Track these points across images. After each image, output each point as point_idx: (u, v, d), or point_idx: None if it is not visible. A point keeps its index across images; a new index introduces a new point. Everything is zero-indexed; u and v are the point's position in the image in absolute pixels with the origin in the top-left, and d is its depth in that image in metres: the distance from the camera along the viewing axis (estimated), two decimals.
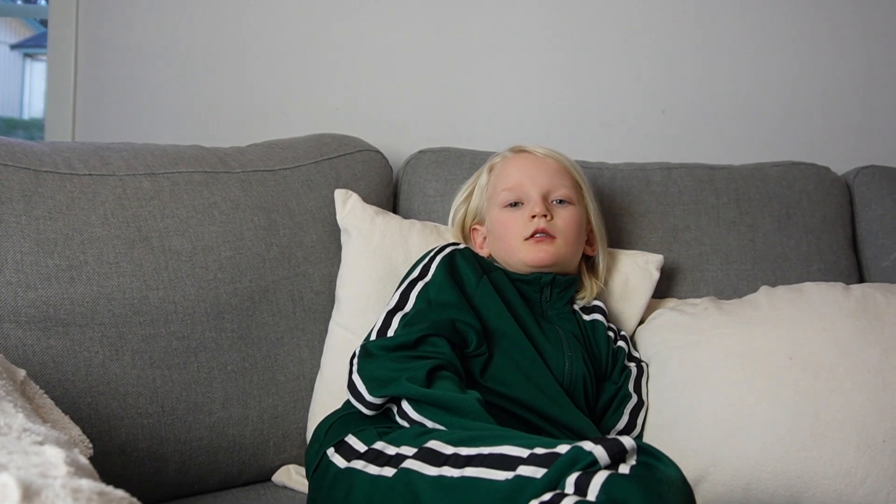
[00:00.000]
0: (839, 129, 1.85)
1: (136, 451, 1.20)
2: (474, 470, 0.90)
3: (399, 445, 1.02)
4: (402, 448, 1.01)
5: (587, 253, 1.40)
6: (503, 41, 1.77)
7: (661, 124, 1.81)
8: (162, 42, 1.70)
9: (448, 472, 0.92)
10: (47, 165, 1.24)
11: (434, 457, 0.96)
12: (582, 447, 0.84)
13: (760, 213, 1.59)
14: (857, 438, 1.19)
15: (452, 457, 0.94)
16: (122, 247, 1.23)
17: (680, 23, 1.81)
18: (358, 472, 1.04)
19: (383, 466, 1.01)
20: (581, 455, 0.83)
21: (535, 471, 0.85)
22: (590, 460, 0.82)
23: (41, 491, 0.53)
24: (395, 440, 1.04)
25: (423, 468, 0.95)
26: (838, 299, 1.33)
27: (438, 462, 0.94)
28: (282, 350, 1.34)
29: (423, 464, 0.96)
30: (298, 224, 1.39)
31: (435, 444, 0.97)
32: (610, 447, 0.83)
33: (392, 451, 1.02)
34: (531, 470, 0.86)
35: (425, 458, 0.96)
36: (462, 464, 0.92)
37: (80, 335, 1.18)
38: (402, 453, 1.00)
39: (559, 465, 0.84)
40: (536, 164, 1.36)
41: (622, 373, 1.33)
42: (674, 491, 0.82)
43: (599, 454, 0.82)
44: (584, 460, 0.82)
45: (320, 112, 1.73)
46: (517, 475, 0.86)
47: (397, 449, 1.02)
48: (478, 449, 0.92)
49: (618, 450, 0.83)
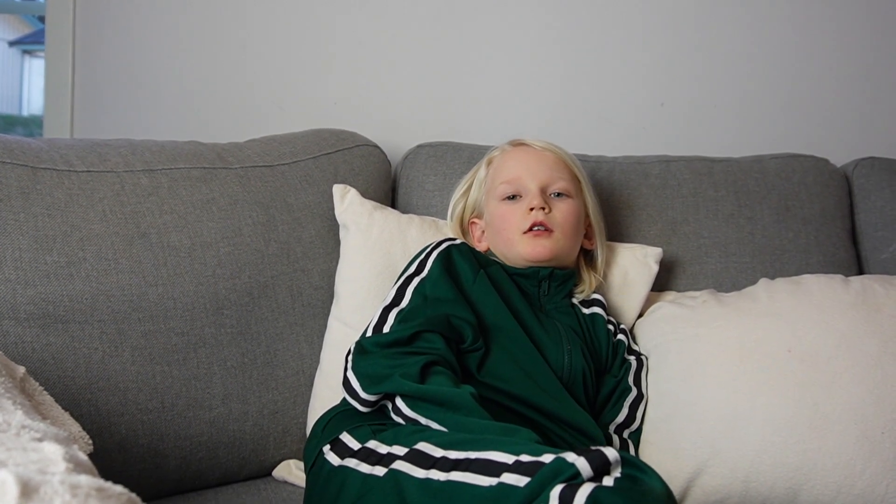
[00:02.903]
0: (838, 121, 1.84)
1: (136, 447, 1.21)
2: (460, 474, 0.91)
3: (391, 444, 1.03)
4: (394, 447, 1.02)
5: (585, 246, 1.39)
6: (501, 35, 1.77)
7: (659, 117, 1.81)
8: (160, 38, 1.70)
9: (435, 475, 0.94)
10: (45, 162, 1.24)
11: (423, 459, 0.97)
12: (565, 458, 0.84)
13: (759, 205, 1.59)
14: (857, 430, 1.19)
15: (441, 460, 0.95)
16: (120, 243, 1.23)
17: (678, 16, 1.80)
18: (350, 471, 1.05)
19: (375, 465, 1.02)
20: (564, 466, 0.83)
21: (519, 479, 0.86)
22: (572, 472, 0.82)
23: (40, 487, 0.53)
24: (387, 439, 1.05)
25: (411, 470, 0.96)
26: (837, 291, 1.33)
27: (427, 465, 0.96)
28: (281, 345, 1.34)
29: (411, 465, 0.97)
30: (297, 219, 1.39)
31: (425, 445, 0.98)
32: (593, 459, 0.83)
33: (384, 450, 1.03)
34: (515, 478, 0.86)
35: (414, 460, 0.97)
36: (449, 467, 0.93)
37: (79, 332, 1.18)
38: (394, 453, 1.01)
39: (542, 475, 0.84)
40: (535, 157, 1.36)
41: (622, 366, 1.33)
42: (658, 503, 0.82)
43: (582, 466, 0.82)
44: (567, 472, 0.82)
45: (318, 107, 1.72)
46: (500, 482, 0.87)
47: (389, 448, 1.03)
48: (466, 453, 0.93)
49: (601, 462, 0.83)
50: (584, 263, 1.40)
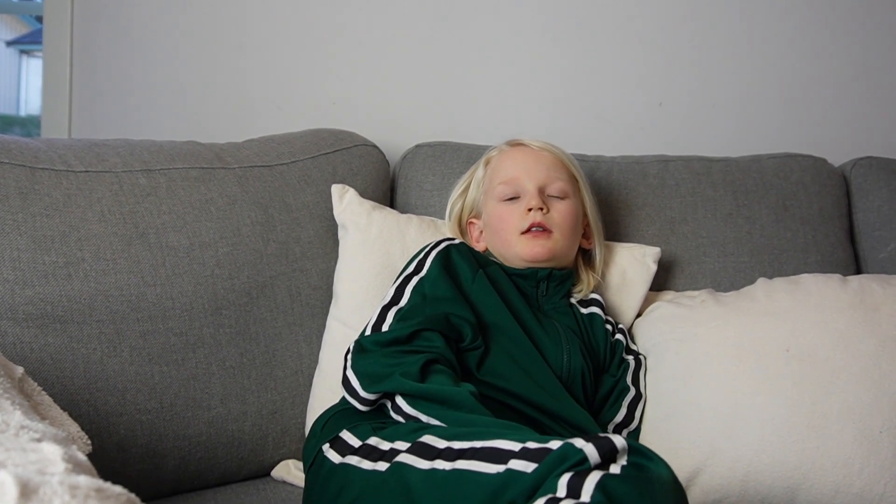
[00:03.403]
0: (836, 121, 1.85)
1: (134, 448, 1.20)
2: (466, 463, 0.90)
3: (393, 441, 1.03)
4: (396, 443, 1.02)
5: (584, 246, 1.40)
6: (500, 35, 1.77)
7: (658, 117, 1.81)
8: (158, 38, 1.70)
9: (440, 464, 0.93)
10: (43, 162, 1.24)
11: (427, 450, 0.96)
12: (573, 444, 0.83)
13: (757, 205, 1.60)
14: (855, 429, 1.20)
15: (445, 450, 0.94)
16: (118, 243, 1.23)
17: (676, 16, 1.81)
18: (352, 468, 1.04)
19: (377, 461, 1.02)
20: (571, 452, 0.83)
21: (526, 465, 0.85)
22: (580, 458, 0.82)
23: (39, 488, 0.53)
24: (389, 436, 1.05)
25: (415, 462, 0.95)
26: (835, 291, 1.33)
27: (431, 455, 0.95)
28: (280, 345, 1.34)
29: (415, 457, 0.96)
30: (295, 219, 1.39)
31: (429, 438, 0.98)
32: (601, 446, 0.82)
33: (386, 447, 1.03)
34: (522, 464, 0.86)
35: (418, 452, 0.96)
36: (454, 457, 0.92)
37: (77, 332, 1.18)
38: (396, 448, 1.01)
39: (549, 460, 0.84)
40: (533, 157, 1.36)
41: (620, 366, 1.33)
42: (665, 491, 0.82)
43: (590, 452, 0.82)
44: (574, 457, 0.82)
45: (317, 107, 1.72)
46: (508, 469, 0.86)
47: (391, 444, 1.02)
48: (471, 443, 0.93)
49: (608, 448, 0.82)
50: (582, 263, 1.40)
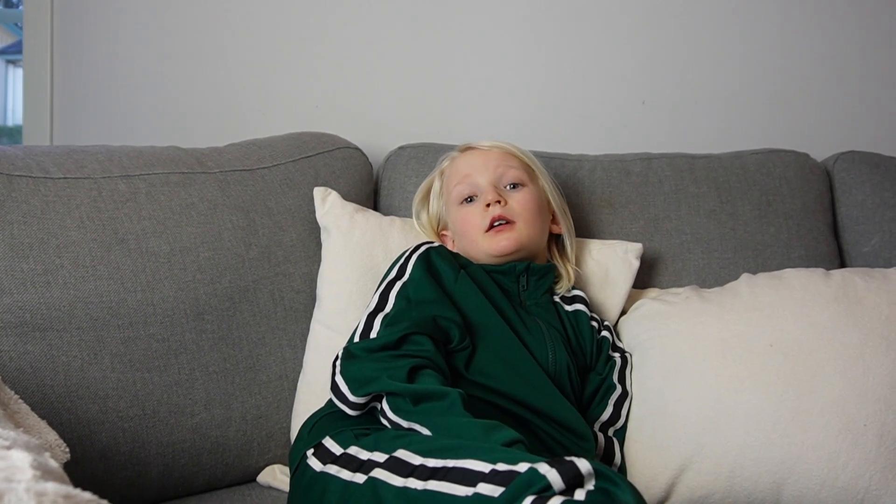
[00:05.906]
0: (818, 116, 1.85)
1: (117, 455, 1.20)
2: (437, 484, 0.92)
3: (371, 450, 1.04)
4: (374, 454, 1.03)
5: (554, 231, 1.40)
6: (482, 35, 1.77)
7: (640, 115, 1.82)
8: (139, 43, 1.69)
9: (413, 483, 0.94)
10: (20, 169, 1.23)
11: (402, 466, 0.97)
12: (537, 469, 0.84)
13: (740, 201, 1.60)
14: (839, 423, 1.20)
15: (419, 468, 0.95)
16: (98, 250, 1.22)
17: (659, 14, 1.81)
18: (331, 477, 1.05)
19: (355, 472, 1.03)
20: (536, 478, 0.83)
21: (494, 489, 0.86)
22: (543, 484, 0.82)
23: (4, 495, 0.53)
24: (368, 444, 1.06)
25: (390, 478, 0.97)
26: (818, 285, 1.33)
27: (405, 473, 0.96)
28: (263, 350, 1.34)
29: (390, 473, 0.97)
30: (278, 223, 1.39)
31: (403, 453, 0.99)
32: (565, 472, 0.82)
33: (364, 457, 1.04)
34: (490, 488, 0.86)
35: (393, 468, 0.98)
36: (427, 476, 0.94)
37: (57, 340, 1.17)
38: (374, 459, 1.02)
39: (515, 486, 0.84)
40: (482, 155, 1.37)
41: (607, 363, 1.33)
42: None
43: (553, 479, 0.82)
44: (539, 483, 0.82)
45: (299, 110, 1.72)
46: (476, 493, 0.87)
47: (369, 454, 1.03)
48: (444, 461, 0.94)
49: (573, 474, 0.82)
50: (556, 254, 1.40)
